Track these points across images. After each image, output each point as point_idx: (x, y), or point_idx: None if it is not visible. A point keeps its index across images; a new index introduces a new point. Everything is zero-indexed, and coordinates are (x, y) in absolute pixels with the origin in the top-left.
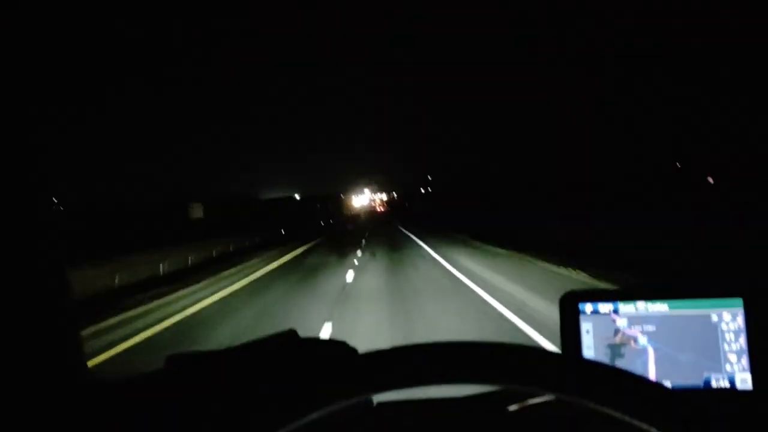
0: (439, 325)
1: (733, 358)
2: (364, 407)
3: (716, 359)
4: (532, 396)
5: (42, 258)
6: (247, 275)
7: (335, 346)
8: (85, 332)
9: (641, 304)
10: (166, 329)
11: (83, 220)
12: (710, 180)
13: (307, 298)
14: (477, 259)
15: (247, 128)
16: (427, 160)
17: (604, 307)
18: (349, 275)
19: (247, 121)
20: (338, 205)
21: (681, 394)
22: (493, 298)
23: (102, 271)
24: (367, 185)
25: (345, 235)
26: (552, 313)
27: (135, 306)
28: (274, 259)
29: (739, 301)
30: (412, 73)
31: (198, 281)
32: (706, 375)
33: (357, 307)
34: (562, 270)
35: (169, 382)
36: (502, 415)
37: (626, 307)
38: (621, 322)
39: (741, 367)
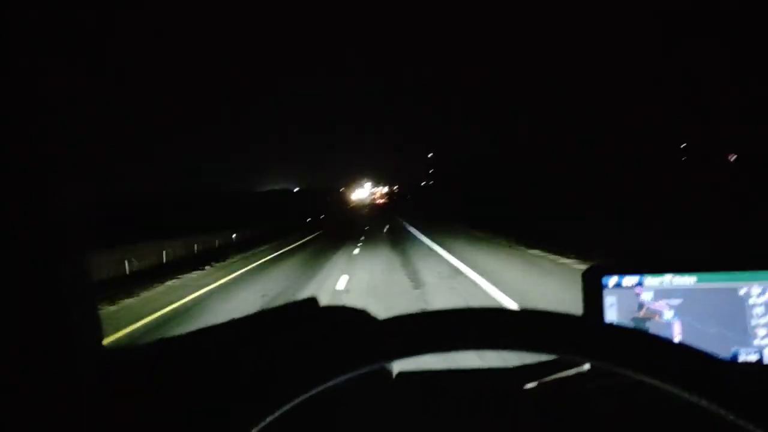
0: None
1: (761, 332)
2: (383, 377)
3: (744, 333)
4: (556, 370)
5: (60, 238)
6: None
7: (356, 313)
8: None
9: (667, 277)
10: None
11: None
12: (731, 158)
13: None
14: None
15: (251, 119)
16: (429, 152)
17: (629, 281)
18: None
19: (252, 112)
20: (335, 198)
21: (732, 365)
22: None
23: None
24: (367, 179)
25: (325, 245)
26: None
27: None
28: None
29: None
30: (416, 63)
31: None
32: (733, 349)
33: None
34: None
35: (187, 351)
36: (524, 388)
37: (651, 281)
38: (646, 296)
39: None
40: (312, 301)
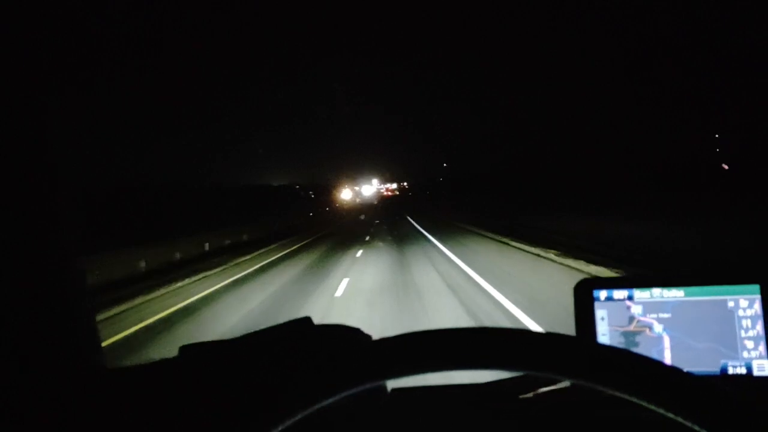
0: None
1: (750, 344)
2: (378, 393)
3: (733, 346)
4: (546, 384)
5: (57, 245)
6: None
7: (349, 332)
8: None
9: (657, 291)
10: None
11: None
12: (725, 166)
13: None
14: None
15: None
16: (442, 147)
17: (619, 294)
18: None
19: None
20: (322, 197)
21: (709, 382)
22: None
23: None
24: (375, 176)
25: None
26: None
27: None
28: None
29: (756, 287)
30: (425, 60)
31: None
32: (722, 362)
33: None
34: None
35: (183, 371)
36: (516, 402)
37: (641, 294)
38: (636, 309)
39: (758, 354)
40: (306, 320)
